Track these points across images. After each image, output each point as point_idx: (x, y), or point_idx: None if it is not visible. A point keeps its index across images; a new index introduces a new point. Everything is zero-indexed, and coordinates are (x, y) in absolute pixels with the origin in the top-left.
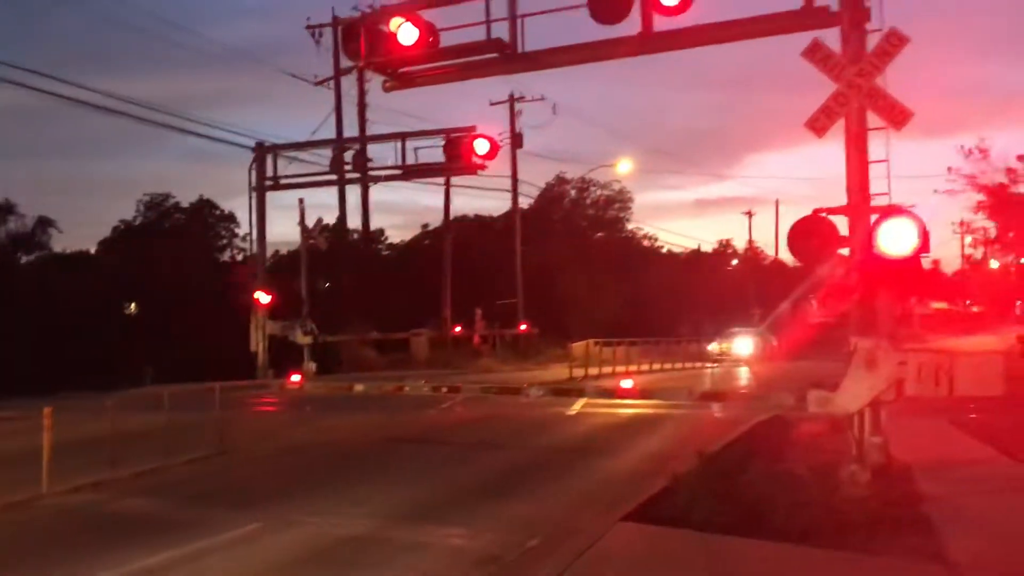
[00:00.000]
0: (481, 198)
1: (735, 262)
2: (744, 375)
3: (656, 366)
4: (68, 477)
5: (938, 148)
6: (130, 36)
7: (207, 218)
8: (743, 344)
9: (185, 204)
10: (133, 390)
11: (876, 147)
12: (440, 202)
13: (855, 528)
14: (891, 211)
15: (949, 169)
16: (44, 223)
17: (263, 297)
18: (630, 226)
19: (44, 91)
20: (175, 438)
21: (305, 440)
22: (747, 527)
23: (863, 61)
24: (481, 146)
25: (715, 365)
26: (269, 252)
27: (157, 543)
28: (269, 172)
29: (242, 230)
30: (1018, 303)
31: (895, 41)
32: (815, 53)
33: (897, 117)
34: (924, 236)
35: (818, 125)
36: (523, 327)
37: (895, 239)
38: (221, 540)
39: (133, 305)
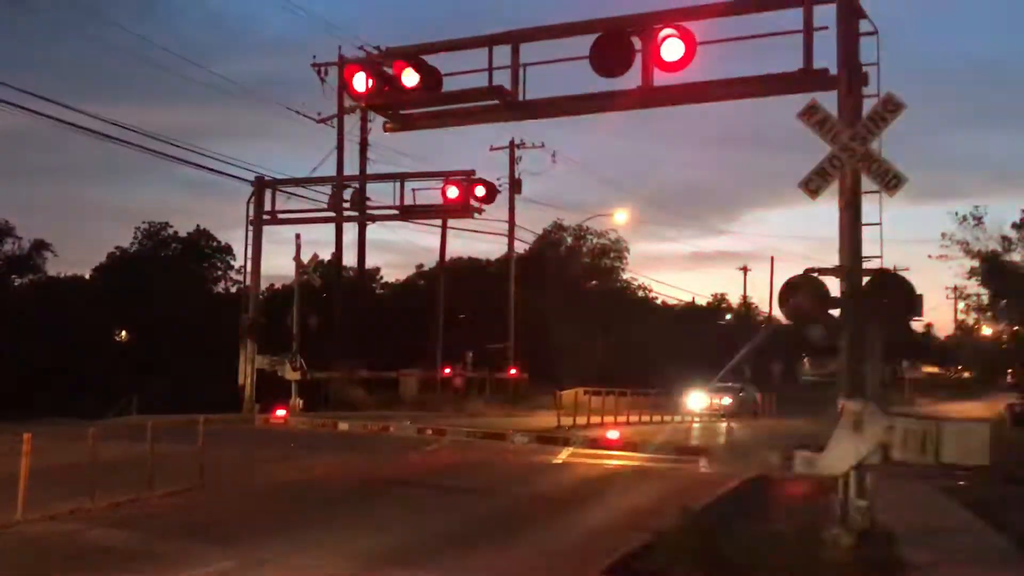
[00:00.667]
0: (478, 241)
1: (728, 317)
2: (725, 431)
3: (645, 418)
4: (44, 504)
5: (933, 213)
6: (137, 66)
7: (203, 249)
8: (726, 399)
9: (183, 234)
10: (117, 418)
11: (870, 209)
12: (437, 243)
13: None
14: (882, 274)
15: (943, 235)
16: (40, 246)
17: (250, 330)
18: (625, 276)
19: (48, 116)
20: (156, 469)
21: (286, 477)
22: None
23: (858, 125)
24: (479, 190)
25: (695, 419)
26: (264, 285)
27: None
28: (267, 207)
29: (237, 262)
30: (1009, 371)
31: (891, 107)
32: (811, 115)
33: (891, 182)
34: (914, 300)
35: (812, 186)
36: (513, 371)
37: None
38: None
39: (124, 332)
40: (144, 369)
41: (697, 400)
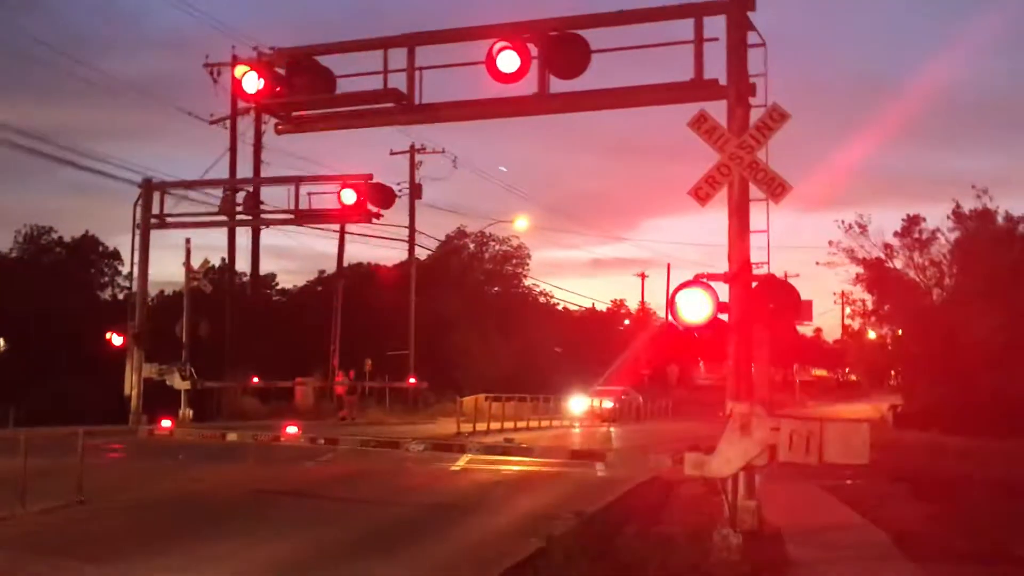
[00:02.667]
0: (378, 248)
1: (627, 322)
2: (610, 435)
3: (545, 423)
4: None
5: (821, 221)
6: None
7: (89, 254)
8: (607, 403)
9: (68, 239)
10: None
11: (759, 217)
12: (334, 248)
13: None
14: (769, 280)
15: (830, 242)
16: None
17: (140, 338)
18: (527, 282)
19: None
20: (33, 485)
21: (171, 491)
22: None
23: (745, 135)
24: (377, 195)
25: (576, 423)
26: (153, 292)
27: None
28: (156, 210)
29: (125, 268)
30: (892, 373)
31: (776, 117)
32: (701, 124)
33: (776, 190)
34: (800, 304)
35: (701, 193)
36: (412, 380)
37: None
38: None
39: (1, 341)
40: (24, 380)
41: (579, 404)
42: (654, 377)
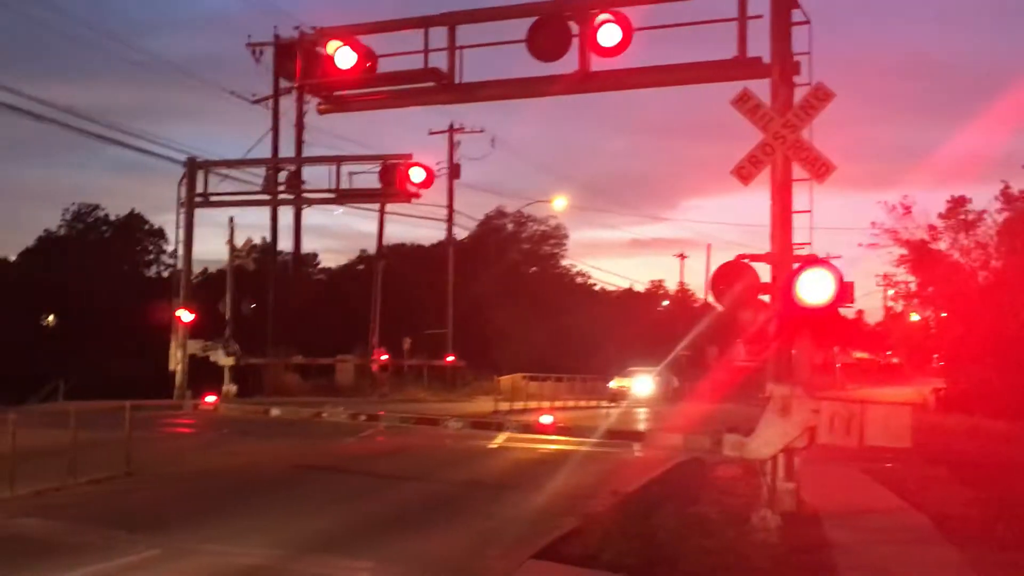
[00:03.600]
0: (418, 227)
1: (666, 303)
2: (645, 416)
3: (583, 402)
4: None
5: (864, 202)
6: (63, 43)
7: (135, 232)
8: (642, 384)
9: (114, 216)
10: (43, 404)
11: (802, 198)
12: (375, 228)
13: (762, 573)
14: (811, 261)
15: (872, 223)
16: None
17: (185, 315)
18: (564, 263)
19: None
20: (81, 457)
21: (216, 464)
22: (656, 569)
23: (789, 114)
24: (417, 174)
25: (613, 404)
26: (197, 269)
27: (48, 566)
28: (200, 188)
29: (170, 246)
30: (935, 356)
31: (821, 95)
32: (744, 103)
33: (819, 170)
34: (843, 287)
35: (744, 173)
36: (450, 358)
37: (814, 289)
38: (116, 565)
39: (51, 317)
40: (73, 355)
41: (616, 385)
42: (692, 358)
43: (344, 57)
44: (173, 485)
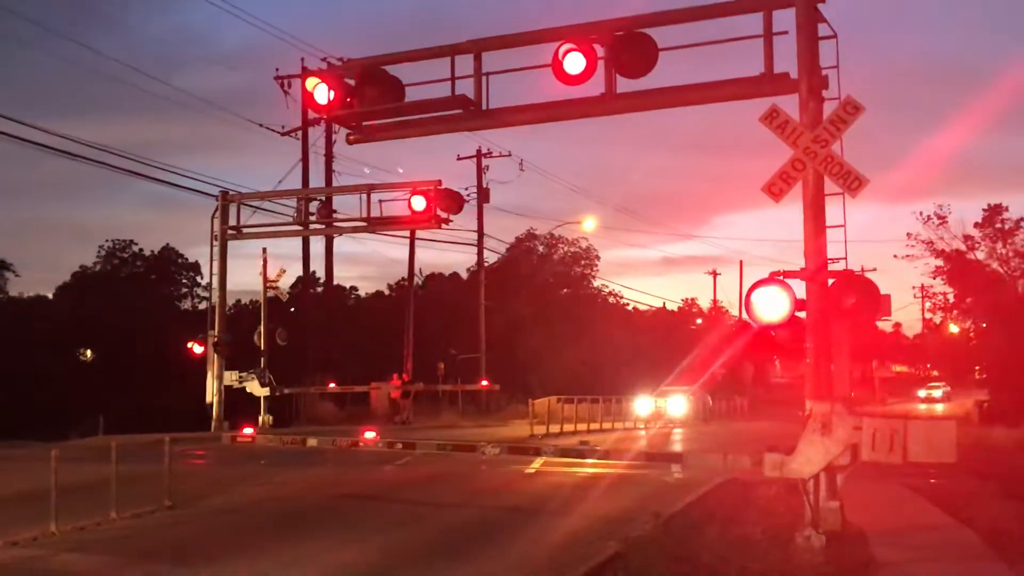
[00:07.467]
0: (449, 252)
1: (699, 321)
2: (681, 436)
3: (618, 424)
4: (6, 530)
5: (898, 214)
6: (95, 81)
7: (170, 266)
8: (677, 403)
9: (148, 251)
10: (83, 439)
11: (835, 212)
12: (405, 254)
13: None
14: (845, 276)
15: (908, 235)
16: (0, 267)
17: (218, 347)
18: (596, 283)
19: (6, 133)
20: (122, 491)
21: (256, 496)
22: None
23: (819, 128)
24: (446, 200)
25: (646, 426)
26: (231, 301)
27: None
28: (233, 221)
29: (204, 279)
30: (976, 368)
31: (851, 109)
32: (773, 119)
33: (852, 184)
34: (876, 299)
35: (775, 190)
36: (484, 383)
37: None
38: None
39: (88, 352)
40: (110, 389)
41: (648, 406)
42: (728, 376)
43: (371, 87)
44: (214, 517)
